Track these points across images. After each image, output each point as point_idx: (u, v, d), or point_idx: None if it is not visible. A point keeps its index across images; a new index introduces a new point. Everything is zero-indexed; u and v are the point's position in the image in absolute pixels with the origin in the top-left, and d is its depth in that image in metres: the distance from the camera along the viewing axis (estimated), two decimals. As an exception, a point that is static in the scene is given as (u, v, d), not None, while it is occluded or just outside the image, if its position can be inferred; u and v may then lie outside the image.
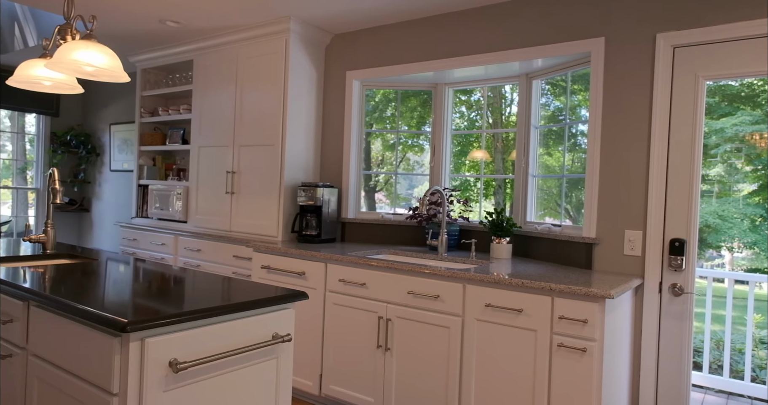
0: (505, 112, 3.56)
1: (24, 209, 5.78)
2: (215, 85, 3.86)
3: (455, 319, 2.38)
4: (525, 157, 3.11)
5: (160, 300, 1.59)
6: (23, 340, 1.65)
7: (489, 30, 3.03)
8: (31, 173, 5.80)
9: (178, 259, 3.98)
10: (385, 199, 3.95)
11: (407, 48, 3.35)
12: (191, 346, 1.45)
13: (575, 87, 2.97)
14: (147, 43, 4.16)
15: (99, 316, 1.37)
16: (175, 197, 4.11)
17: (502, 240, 2.87)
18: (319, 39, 3.63)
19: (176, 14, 3.43)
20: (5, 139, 5.64)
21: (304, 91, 3.57)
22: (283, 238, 3.45)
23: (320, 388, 2.85)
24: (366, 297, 2.67)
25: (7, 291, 1.73)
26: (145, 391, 1.36)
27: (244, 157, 3.66)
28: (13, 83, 2.31)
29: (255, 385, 1.64)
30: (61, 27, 2.21)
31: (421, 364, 2.49)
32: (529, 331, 2.18)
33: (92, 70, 2.10)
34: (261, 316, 1.64)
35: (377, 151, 3.91)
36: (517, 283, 2.19)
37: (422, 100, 3.70)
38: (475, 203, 3.45)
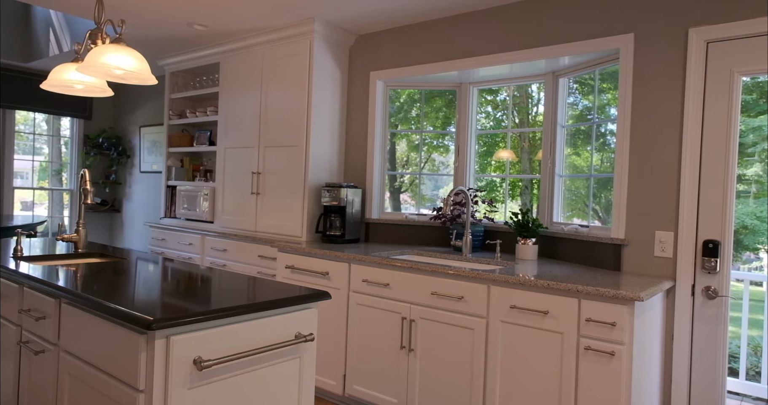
0: (531, 112, 3.51)
1: (59, 210, 5.96)
2: (241, 87, 3.91)
3: (479, 321, 2.35)
4: (551, 156, 3.06)
5: (187, 299, 1.61)
6: (55, 337, 1.69)
7: (514, 28, 2.99)
8: (66, 175, 5.97)
9: (204, 258, 4.04)
10: (410, 200, 3.94)
11: (431, 47, 3.33)
12: (215, 345, 1.46)
13: (604, 85, 2.91)
14: (175, 47, 4.24)
15: (126, 314, 1.39)
16: (201, 198, 4.17)
17: (528, 241, 2.83)
18: (343, 40, 3.64)
19: (203, 18, 3.49)
20: (42, 142, 5.83)
21: (328, 92, 3.58)
22: (307, 238, 3.47)
23: (344, 388, 2.86)
24: (389, 297, 2.66)
25: (40, 288, 1.77)
26: (171, 388, 1.37)
27: (269, 157, 3.70)
28: (46, 87, 2.38)
29: (278, 384, 1.64)
30: (92, 32, 2.26)
31: (445, 365, 2.46)
32: (555, 334, 2.14)
33: (121, 73, 2.15)
34: (284, 316, 1.65)
35: (402, 152, 3.89)
36: (542, 284, 2.15)
37: (447, 100, 3.67)
38: (501, 204, 3.41)
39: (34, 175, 5.78)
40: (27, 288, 1.84)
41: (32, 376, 1.80)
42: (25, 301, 1.85)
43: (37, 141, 5.79)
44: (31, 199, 5.83)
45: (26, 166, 5.68)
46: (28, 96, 5.36)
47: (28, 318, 1.82)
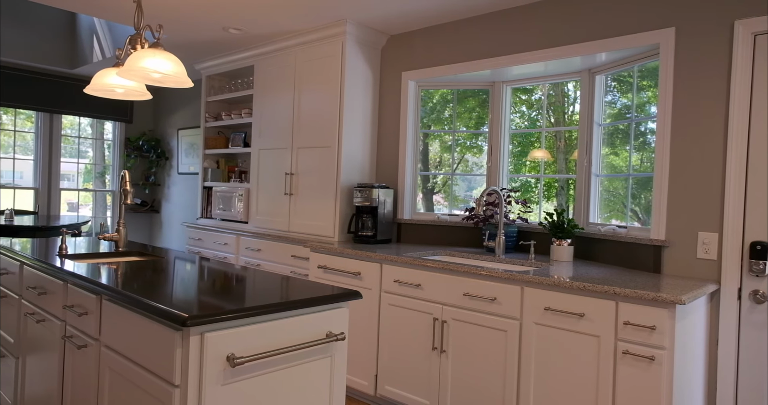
0: (567, 111, 3.43)
1: (103, 210, 6.19)
2: (274, 89, 3.97)
3: (513, 323, 2.31)
4: (587, 156, 2.99)
5: (221, 297, 1.64)
6: (96, 332, 1.75)
7: (548, 24, 2.93)
8: (108, 177, 6.19)
9: (239, 258, 4.11)
10: (443, 201, 3.91)
11: (463, 46, 3.31)
12: (248, 342, 1.48)
13: (644, 83, 2.82)
14: (211, 51, 4.34)
15: (162, 311, 1.43)
16: (236, 198, 4.25)
17: (563, 242, 2.76)
18: (375, 40, 3.65)
19: (238, 22, 3.56)
20: (86, 145, 6.06)
21: (360, 93, 3.59)
22: (339, 238, 3.49)
23: (375, 389, 2.86)
24: (421, 298, 2.65)
25: (83, 285, 1.84)
26: (205, 384, 1.40)
27: (301, 158, 3.74)
28: (90, 91, 2.47)
29: (309, 382, 1.65)
30: (132, 37, 2.34)
31: (478, 367, 2.43)
32: (591, 337, 2.08)
33: (159, 77, 2.21)
34: (315, 315, 1.66)
35: (435, 153, 3.87)
36: (578, 286, 2.09)
37: (480, 100, 3.63)
38: (535, 205, 3.35)
39: (80, 177, 6.01)
40: (71, 285, 1.91)
41: (75, 369, 1.87)
42: (69, 297, 1.92)
43: (82, 144, 6.02)
44: (77, 200, 6.07)
45: (72, 169, 5.92)
46: (74, 101, 5.59)
47: (72, 313, 1.88)
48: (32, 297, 2.21)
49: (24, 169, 5.60)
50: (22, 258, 2.30)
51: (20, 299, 2.34)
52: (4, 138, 5.46)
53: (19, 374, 2.32)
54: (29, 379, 2.23)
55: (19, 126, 5.55)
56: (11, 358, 2.40)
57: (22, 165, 5.58)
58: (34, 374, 2.19)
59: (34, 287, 2.18)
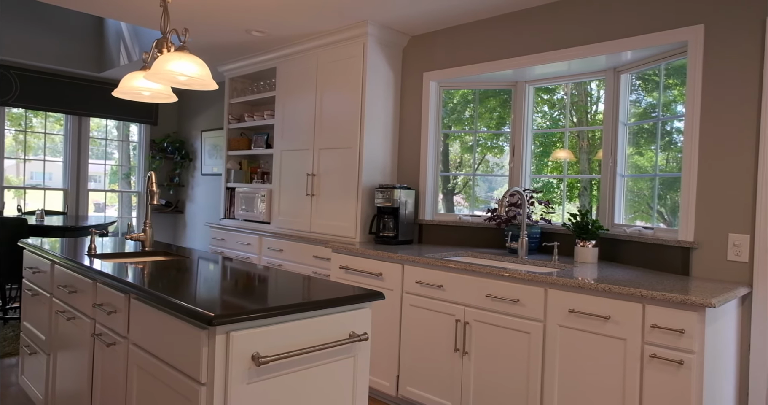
0: (590, 110, 3.39)
1: (128, 211, 6.31)
2: (296, 91, 4.00)
3: (536, 325, 2.29)
4: (612, 156, 2.94)
5: (246, 296, 1.66)
6: (125, 330, 1.79)
7: (572, 23, 2.89)
8: (134, 178, 6.31)
9: (261, 258, 4.15)
10: (464, 201, 3.89)
11: (485, 46, 3.29)
12: (272, 342, 1.49)
13: (670, 81, 2.76)
14: (234, 53, 4.39)
15: (189, 310, 1.45)
16: (259, 199, 4.30)
17: (587, 243, 2.73)
18: (396, 41, 3.65)
19: (261, 24, 3.60)
20: (113, 147, 6.19)
21: (381, 94, 3.60)
22: (360, 239, 3.50)
23: (397, 389, 2.85)
24: (443, 299, 2.64)
25: (111, 284, 1.88)
26: (230, 382, 1.41)
27: (323, 159, 3.76)
28: (117, 94, 2.52)
29: (332, 382, 1.66)
30: (158, 41, 2.38)
31: (501, 369, 2.41)
32: (617, 340, 2.05)
33: (184, 80, 2.24)
34: (338, 315, 1.66)
35: (455, 154, 3.86)
36: (603, 288, 2.06)
37: (502, 100, 3.60)
38: (558, 205, 3.31)
39: (106, 178, 6.14)
40: (100, 284, 1.96)
41: (104, 366, 1.91)
42: (98, 295, 1.97)
43: (108, 146, 6.15)
44: (103, 201, 6.20)
45: (99, 170, 6.05)
46: (101, 104, 5.72)
47: (101, 312, 1.93)
48: (63, 295, 2.27)
49: (52, 170, 5.74)
50: (54, 257, 2.35)
51: (51, 297, 2.40)
52: (33, 140, 5.61)
53: (50, 370, 2.38)
54: (60, 375, 2.29)
55: (48, 128, 5.70)
56: (42, 354, 2.46)
57: (50, 166, 5.73)
58: (64, 370, 2.25)
59: (65, 286, 2.23)
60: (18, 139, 5.51)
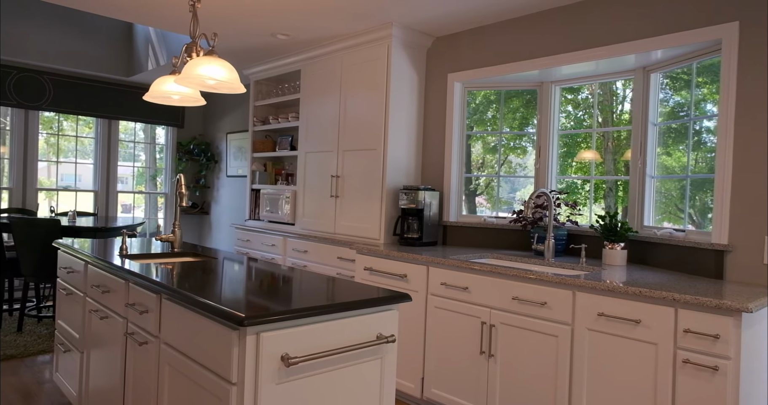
0: (616, 110, 3.34)
1: (154, 212, 6.43)
2: (320, 93, 4.02)
3: (564, 328, 2.26)
4: (641, 156, 2.89)
5: (274, 297, 1.68)
6: (156, 329, 1.82)
7: (600, 22, 2.85)
8: (160, 179, 6.43)
9: (286, 259, 4.19)
10: (486, 202, 3.87)
11: (511, 47, 3.26)
12: (301, 343, 1.51)
13: (699, 80, 2.70)
14: (259, 56, 4.44)
15: (220, 310, 1.47)
16: (283, 201, 4.34)
17: (616, 245, 2.68)
18: (421, 43, 3.65)
19: (286, 27, 3.63)
20: (139, 149, 6.32)
21: (405, 95, 3.60)
22: (385, 240, 3.50)
23: (422, 391, 2.85)
24: (468, 301, 2.63)
25: (143, 284, 1.92)
26: (260, 382, 1.43)
27: (347, 161, 3.78)
28: (148, 98, 2.58)
29: (360, 383, 1.67)
30: (188, 45, 2.42)
31: (527, 373, 2.39)
32: (648, 345, 2.01)
33: (213, 83, 2.28)
34: (366, 316, 1.67)
35: (477, 154, 3.84)
36: (634, 291, 2.03)
37: (525, 100, 3.57)
38: (584, 207, 3.26)
39: (133, 180, 6.28)
40: (132, 284, 2.00)
41: (136, 364, 1.95)
42: (130, 295, 2.01)
43: (135, 148, 6.28)
44: (130, 202, 6.33)
45: (126, 172, 6.18)
46: (130, 107, 5.84)
47: (133, 311, 1.97)
48: (96, 295, 2.32)
49: (82, 172, 5.89)
50: (87, 257, 2.41)
51: (85, 296, 2.46)
52: (63, 143, 5.77)
53: (83, 368, 2.44)
54: (93, 372, 2.34)
55: (78, 132, 5.85)
56: (76, 352, 2.53)
57: (80, 168, 5.87)
58: (97, 368, 2.30)
59: (98, 285, 2.29)
60: (50, 142, 5.67)
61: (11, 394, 2.96)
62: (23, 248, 3.93)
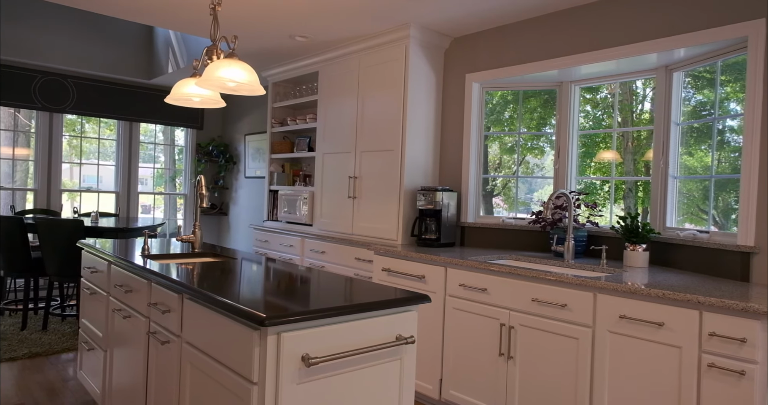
0: (635, 110, 3.29)
1: (173, 212, 6.51)
2: (338, 94, 4.04)
3: (585, 330, 2.23)
4: (664, 156, 2.84)
5: (294, 298, 1.69)
6: (178, 329, 1.84)
7: (621, 20, 2.82)
8: (179, 180, 6.52)
9: (304, 259, 4.21)
10: (503, 203, 3.85)
11: (530, 47, 3.24)
12: (321, 343, 1.51)
13: (722, 78, 2.65)
14: (277, 58, 4.48)
15: (241, 310, 1.48)
16: (301, 202, 4.36)
17: (637, 247, 2.64)
18: (438, 43, 3.64)
19: (304, 29, 3.65)
20: (159, 151, 6.40)
21: (423, 96, 3.60)
22: (402, 241, 3.50)
23: (440, 393, 2.84)
24: (487, 303, 2.61)
25: (165, 284, 1.94)
26: (281, 382, 1.44)
27: (365, 162, 3.78)
28: (170, 101, 2.61)
29: (379, 384, 1.67)
30: (208, 48, 2.45)
31: (547, 375, 2.37)
32: (672, 348, 1.98)
33: (233, 86, 2.30)
34: (385, 317, 1.67)
35: (494, 155, 3.82)
36: (657, 293, 1.99)
37: (542, 100, 3.54)
38: (603, 208, 3.22)
39: (152, 181, 6.37)
40: (154, 284, 2.03)
41: (158, 363, 1.98)
42: (152, 295, 2.04)
43: (153, 150, 6.37)
44: (149, 203, 6.43)
45: (146, 173, 6.27)
46: (150, 109, 5.93)
47: (156, 311, 2.00)
48: (119, 294, 2.36)
49: (103, 173, 5.99)
50: (110, 257, 2.45)
51: (108, 296, 2.50)
52: (85, 145, 5.87)
53: (106, 366, 2.49)
54: (116, 370, 2.38)
55: (97, 133, 5.95)
56: (100, 350, 2.57)
57: (101, 170, 5.97)
58: (120, 366, 2.34)
59: (121, 285, 2.33)
60: (72, 144, 5.78)
61: (37, 391, 3.02)
62: (48, 248, 4.02)
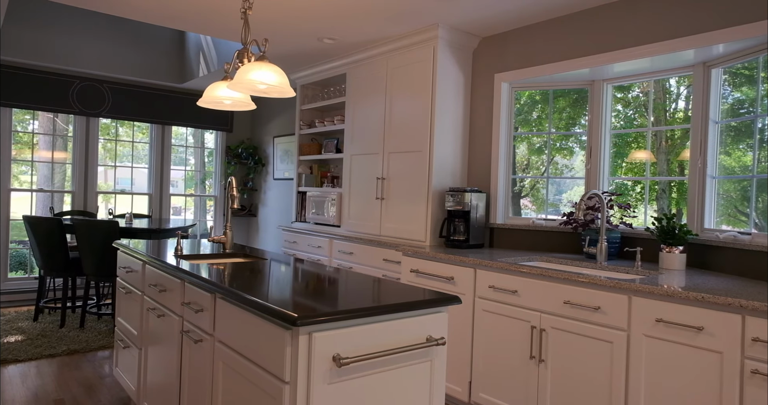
0: (669, 108, 3.21)
1: (203, 214, 6.63)
2: (366, 96, 4.05)
3: (619, 334, 2.18)
4: (701, 156, 2.76)
5: (324, 298, 1.69)
6: (211, 328, 1.87)
7: (656, 17, 2.75)
8: (208, 182, 6.63)
9: (332, 260, 4.23)
10: (531, 205, 3.79)
11: (560, 45, 3.19)
12: (352, 343, 1.51)
13: (762, 74, 2.56)
14: (305, 61, 4.52)
15: (273, 310, 1.49)
16: (329, 203, 4.38)
17: (674, 249, 2.57)
18: (467, 43, 3.62)
19: (333, 31, 3.68)
20: (189, 153, 6.53)
21: (451, 97, 3.58)
22: (430, 242, 3.48)
23: (470, 395, 2.81)
24: (517, 305, 2.58)
25: (198, 284, 1.98)
26: (313, 382, 1.44)
27: (393, 163, 3.78)
28: (202, 104, 2.66)
29: (410, 385, 1.66)
30: (239, 51, 2.48)
31: (580, 379, 2.32)
32: (712, 353, 1.91)
33: (264, 88, 2.33)
34: (416, 318, 1.66)
35: (522, 156, 3.77)
36: (696, 297, 1.93)
37: (571, 100, 3.48)
38: (636, 209, 3.15)
39: (183, 183, 6.50)
40: (188, 283, 2.06)
41: (192, 361, 2.01)
42: (186, 294, 2.08)
43: (184, 153, 6.50)
44: (180, 204, 6.56)
45: (177, 176, 6.40)
46: (181, 113, 6.06)
47: (189, 310, 2.03)
48: (154, 293, 2.41)
49: (135, 176, 6.14)
50: (145, 258, 2.51)
51: (143, 295, 2.56)
52: (119, 149, 6.03)
53: (141, 363, 2.54)
54: (150, 368, 2.43)
55: (130, 136, 6.11)
56: (135, 348, 2.63)
57: (134, 172, 6.12)
58: (154, 364, 2.39)
59: (156, 284, 2.38)
60: (106, 147, 5.94)
61: (75, 387, 3.11)
62: (85, 249, 4.14)
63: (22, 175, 5.65)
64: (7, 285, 5.17)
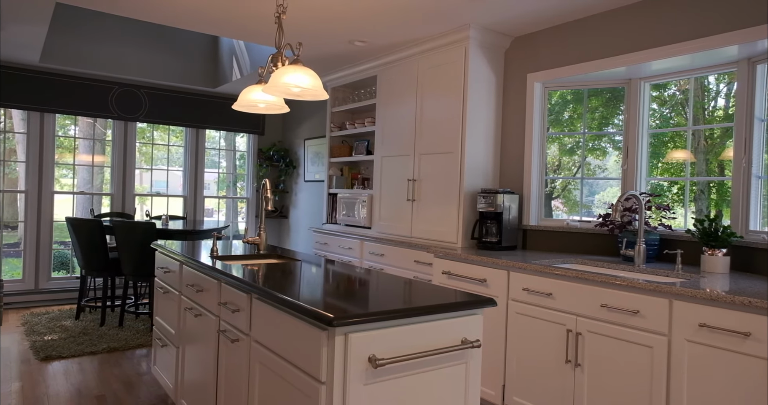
0: (707, 107, 3.11)
1: (235, 216, 6.75)
2: (397, 97, 4.05)
3: (660, 339, 2.12)
4: (746, 155, 2.66)
5: (359, 299, 1.70)
6: (247, 328, 1.90)
7: (696, 13, 2.67)
8: (240, 185, 6.74)
9: (363, 262, 4.24)
10: (563, 206, 3.73)
11: (594, 44, 3.13)
12: (388, 344, 1.51)
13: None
14: (336, 64, 4.55)
15: (309, 311, 1.50)
16: (360, 205, 4.40)
17: (717, 251, 2.49)
18: (499, 43, 3.58)
19: (363, 34, 3.70)
20: (221, 156, 6.66)
21: (483, 97, 3.55)
22: (462, 244, 3.46)
23: (503, 399, 2.78)
24: (552, 308, 2.53)
25: (234, 284, 2.01)
26: (348, 382, 1.45)
27: (424, 165, 3.77)
28: (237, 107, 2.71)
29: (445, 387, 1.65)
30: (273, 55, 2.52)
31: (618, 385, 2.26)
32: (759, 360, 1.84)
33: (298, 91, 2.36)
34: (451, 320, 1.65)
35: (553, 156, 3.71)
36: (742, 301, 1.87)
37: (605, 99, 3.41)
38: (674, 210, 3.06)
39: (216, 185, 6.62)
40: (224, 284, 2.10)
41: (228, 361, 2.05)
42: (222, 294, 2.12)
43: (215, 156, 6.63)
44: (212, 206, 6.69)
45: (209, 178, 6.53)
46: (215, 117, 6.18)
47: (226, 310, 2.07)
48: (191, 293, 2.47)
49: (170, 178, 6.29)
50: (182, 258, 2.57)
51: (180, 295, 2.62)
52: (155, 152, 6.19)
53: (179, 362, 2.60)
54: (188, 366, 2.49)
55: (164, 140, 6.26)
56: (173, 347, 2.69)
57: (167, 174, 6.28)
58: (192, 363, 2.44)
59: (193, 285, 2.43)
60: (142, 150, 6.11)
61: (115, 384, 3.20)
62: (124, 249, 4.26)
63: (63, 178, 5.87)
64: (50, 284, 5.37)
